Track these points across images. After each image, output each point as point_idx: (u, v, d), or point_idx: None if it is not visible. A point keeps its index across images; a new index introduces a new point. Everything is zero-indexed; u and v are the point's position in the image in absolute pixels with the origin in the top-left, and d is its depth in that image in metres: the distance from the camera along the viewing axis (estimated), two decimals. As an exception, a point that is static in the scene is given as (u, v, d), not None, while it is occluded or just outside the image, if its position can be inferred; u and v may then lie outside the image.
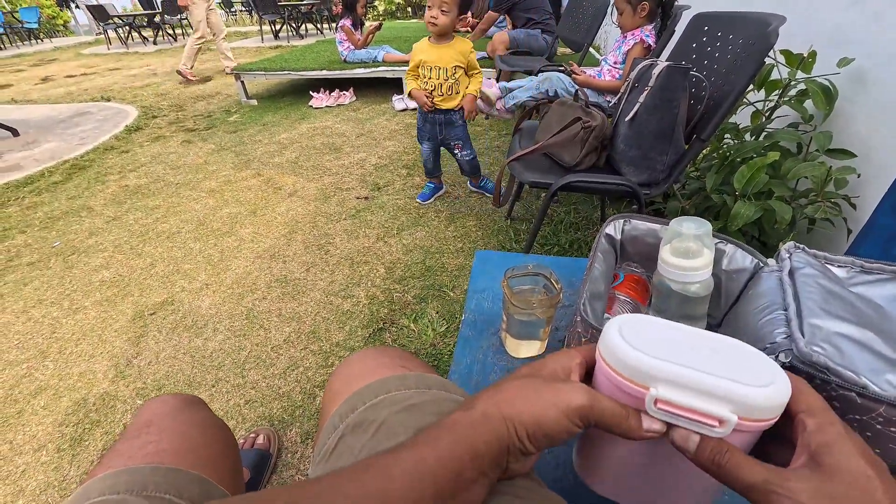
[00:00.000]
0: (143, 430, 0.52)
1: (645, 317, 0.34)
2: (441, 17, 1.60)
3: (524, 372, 0.34)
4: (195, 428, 0.56)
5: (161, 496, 0.44)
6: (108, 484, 0.43)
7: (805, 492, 0.24)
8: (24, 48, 10.13)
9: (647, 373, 0.29)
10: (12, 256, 1.92)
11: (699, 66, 1.29)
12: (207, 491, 0.48)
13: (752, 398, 0.26)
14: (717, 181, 1.32)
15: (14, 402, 1.25)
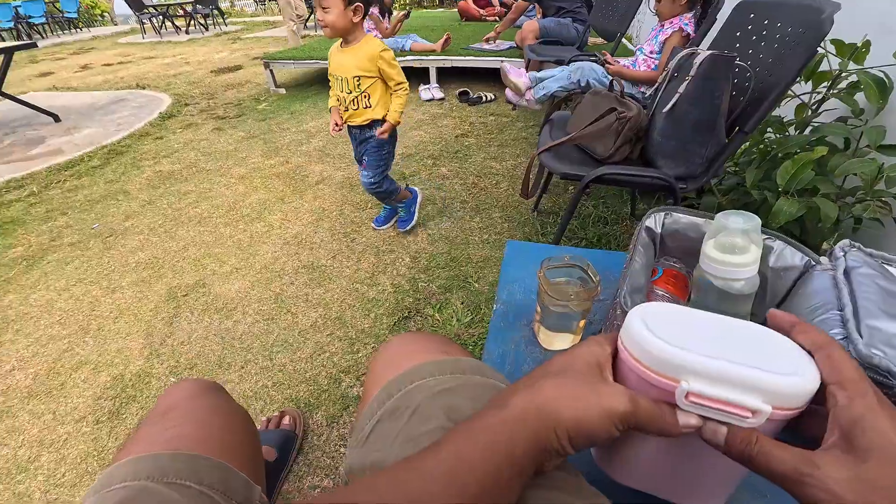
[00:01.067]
0: (164, 415, 0.53)
1: (667, 305, 0.33)
2: (326, 17, 1.29)
3: (558, 366, 0.33)
4: (215, 414, 0.56)
5: (181, 483, 0.44)
6: (129, 470, 0.44)
7: (838, 481, 0.23)
8: (64, 37, 10.50)
9: (676, 365, 0.28)
10: (55, 237, 2.00)
11: (743, 56, 1.23)
12: (227, 477, 0.48)
13: (783, 387, 0.26)
14: (757, 176, 1.27)
15: (57, 374, 1.31)
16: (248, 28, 9.64)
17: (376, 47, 1.39)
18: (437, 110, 3.30)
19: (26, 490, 1.02)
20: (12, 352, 1.39)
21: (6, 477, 1.05)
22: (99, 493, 0.43)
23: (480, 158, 2.44)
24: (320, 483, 0.98)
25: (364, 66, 1.40)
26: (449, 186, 2.16)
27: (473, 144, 2.63)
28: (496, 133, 2.78)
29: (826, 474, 0.23)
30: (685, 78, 1.12)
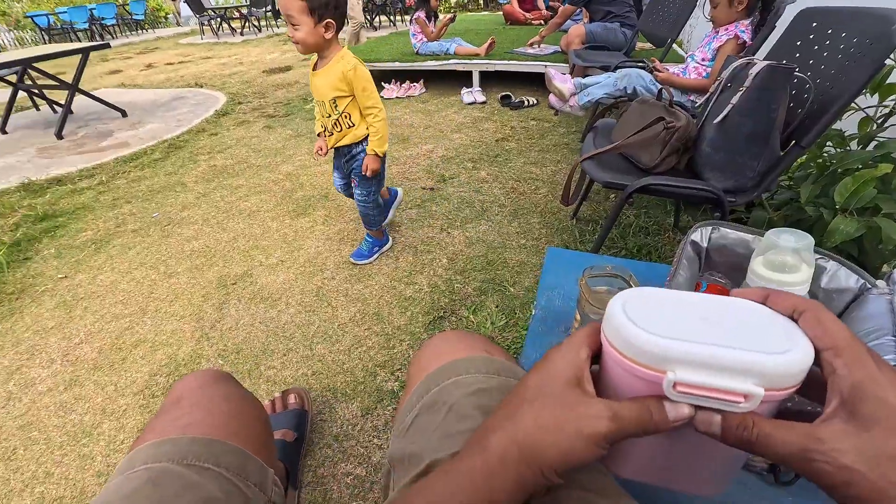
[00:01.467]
0: (175, 405, 0.55)
1: (647, 289, 0.32)
2: (296, 34, 1.22)
3: (534, 388, 0.31)
4: (224, 401, 0.57)
5: (200, 465, 0.46)
6: (151, 453, 0.46)
7: (846, 452, 0.22)
8: (131, 38, 11.26)
9: (661, 355, 0.26)
10: (120, 223, 2.16)
11: (803, 66, 1.19)
12: (243, 461, 0.50)
13: (775, 367, 0.25)
14: (813, 192, 1.22)
15: (119, 350, 1.42)
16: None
17: (347, 64, 1.30)
18: (478, 114, 3.32)
19: (90, 453, 1.12)
20: (81, 326, 1.52)
21: (73, 440, 1.15)
22: (123, 473, 0.45)
23: (520, 163, 2.44)
24: (353, 470, 1.02)
25: (337, 85, 1.32)
26: (488, 190, 2.18)
27: (514, 149, 2.64)
28: (537, 138, 2.78)
29: (832, 447, 0.22)
30: (739, 88, 1.09)
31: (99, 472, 1.07)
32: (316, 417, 1.15)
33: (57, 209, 2.34)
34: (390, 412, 1.14)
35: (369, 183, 1.53)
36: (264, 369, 1.30)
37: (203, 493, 0.44)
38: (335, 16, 1.24)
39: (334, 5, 1.22)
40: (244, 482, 0.48)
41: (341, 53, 1.32)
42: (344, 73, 1.30)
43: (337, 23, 1.26)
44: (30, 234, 2.10)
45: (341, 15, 1.27)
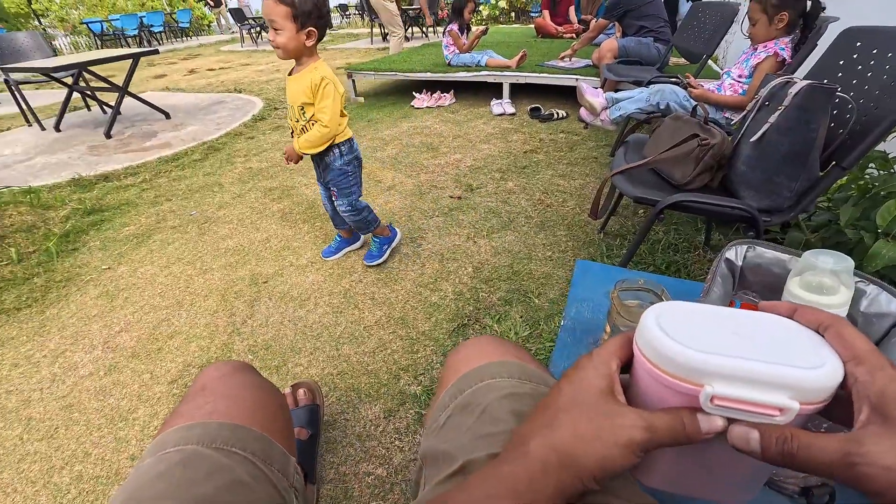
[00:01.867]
0: (199, 393, 0.57)
1: (679, 303, 0.32)
2: (278, 38, 1.24)
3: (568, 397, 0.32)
4: (246, 390, 0.59)
5: (228, 449, 0.48)
6: (182, 436, 0.48)
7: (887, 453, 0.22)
8: (176, 44, 11.82)
9: (697, 369, 0.27)
10: (160, 220, 2.27)
11: (845, 86, 1.16)
12: (267, 447, 0.52)
13: (810, 382, 0.25)
14: (853, 215, 1.18)
15: (155, 340, 1.49)
16: (332, 40, 10.29)
17: (318, 76, 1.32)
18: (507, 125, 3.34)
19: (125, 436, 1.17)
20: (121, 316, 1.60)
21: (110, 423, 1.21)
22: (155, 454, 0.47)
23: (548, 175, 2.45)
24: (374, 470, 1.04)
25: (306, 93, 1.34)
26: (515, 201, 2.19)
27: (542, 161, 2.65)
28: (566, 151, 2.78)
29: (873, 450, 0.22)
30: (778, 107, 1.08)
31: (132, 456, 1.12)
32: (340, 416, 1.17)
33: (103, 204, 2.47)
34: (413, 415, 1.16)
35: (348, 192, 1.57)
36: (291, 366, 1.34)
37: (232, 475, 0.45)
38: (317, 24, 1.27)
39: (317, 14, 1.25)
40: (269, 467, 0.50)
41: (316, 64, 1.35)
42: (312, 83, 1.33)
43: (318, 31, 1.29)
44: (78, 226, 2.23)
45: (323, 24, 1.30)
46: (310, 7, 1.23)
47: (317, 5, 1.24)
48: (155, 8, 13.27)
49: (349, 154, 1.53)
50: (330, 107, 1.36)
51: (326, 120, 1.37)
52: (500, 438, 0.42)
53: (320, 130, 1.39)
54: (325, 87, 1.34)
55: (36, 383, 1.34)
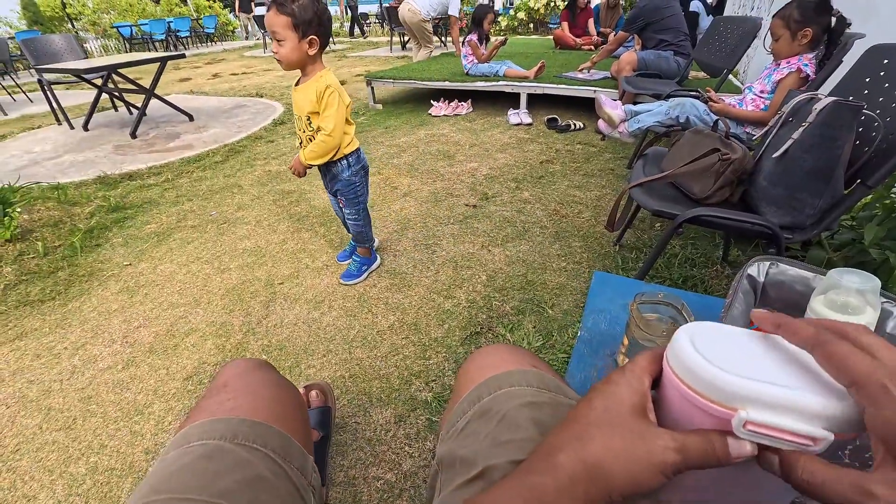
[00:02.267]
0: (222, 389, 0.58)
1: (712, 324, 0.32)
2: (280, 49, 1.26)
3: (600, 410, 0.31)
4: (266, 387, 0.60)
5: (249, 445, 0.49)
6: (205, 430, 0.49)
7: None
8: (201, 49, 12.13)
9: (732, 393, 0.27)
10: (181, 219, 2.32)
11: (871, 104, 1.15)
12: (286, 444, 0.53)
13: (845, 413, 0.25)
14: (878, 234, 1.16)
15: (172, 336, 1.51)
16: (353, 48, 10.46)
17: (323, 84, 1.31)
18: (523, 135, 3.35)
19: (140, 430, 1.19)
20: (140, 312, 1.64)
21: (126, 416, 1.23)
22: (180, 447, 0.48)
23: (564, 186, 2.44)
24: (384, 475, 1.04)
25: (314, 103, 1.34)
26: (530, 210, 2.19)
27: (558, 171, 2.64)
28: (582, 162, 2.77)
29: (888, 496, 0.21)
30: (802, 123, 1.07)
31: (147, 450, 1.14)
32: (350, 419, 1.18)
33: (127, 202, 2.54)
34: (423, 422, 1.16)
35: (356, 202, 1.58)
36: (304, 367, 1.35)
37: (253, 471, 0.46)
38: (319, 33, 1.27)
39: (318, 22, 1.25)
40: (288, 465, 0.51)
41: (321, 73, 1.34)
42: (318, 92, 1.32)
43: (321, 40, 1.29)
44: (102, 223, 2.29)
45: (325, 33, 1.30)
46: (310, 15, 1.23)
47: (317, 13, 1.24)
48: (182, 14, 13.67)
49: (356, 164, 1.53)
50: (333, 116, 1.35)
51: (330, 129, 1.36)
52: (520, 445, 0.42)
53: (325, 140, 1.38)
54: (329, 96, 1.33)
55: (56, 374, 1.38)
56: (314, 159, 1.45)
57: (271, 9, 1.23)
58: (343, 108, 1.38)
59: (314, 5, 1.23)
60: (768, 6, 4.15)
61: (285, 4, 1.20)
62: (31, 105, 5.47)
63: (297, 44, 1.26)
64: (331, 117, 1.35)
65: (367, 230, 1.68)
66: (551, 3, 10.01)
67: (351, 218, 1.63)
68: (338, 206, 1.68)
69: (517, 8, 10.55)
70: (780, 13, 1.67)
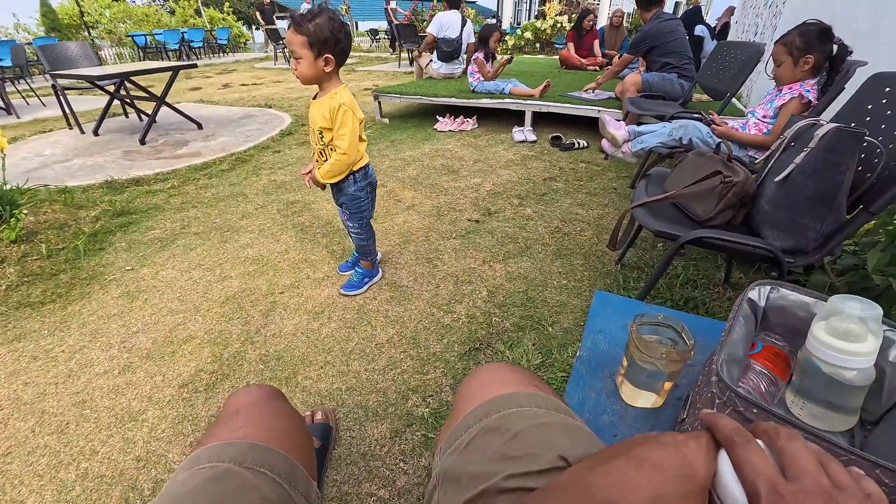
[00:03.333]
0: (233, 417, 0.59)
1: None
2: (298, 67, 1.29)
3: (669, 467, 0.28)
4: (276, 417, 0.62)
5: (258, 469, 0.50)
6: (215, 453, 0.50)
7: None
8: (213, 59, 12.36)
9: None
10: (185, 225, 2.33)
11: (873, 131, 1.16)
12: (292, 470, 0.54)
13: None
14: (882, 260, 1.16)
15: (170, 343, 1.51)
16: (362, 62, 10.64)
17: (337, 101, 1.33)
18: (527, 152, 3.38)
19: (133, 437, 1.18)
20: (139, 317, 1.64)
21: (119, 422, 1.22)
22: (189, 469, 0.49)
23: (567, 204, 2.45)
24: (377, 492, 1.02)
25: (326, 119, 1.36)
26: (532, 227, 2.19)
27: (561, 189, 2.66)
28: (585, 180, 2.79)
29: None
30: (804, 148, 1.08)
31: (138, 457, 1.12)
32: (345, 433, 1.16)
33: (132, 207, 2.55)
34: (419, 438, 1.14)
35: (359, 216, 1.60)
36: (301, 379, 1.34)
37: (260, 494, 0.47)
38: (335, 51, 1.29)
39: (334, 41, 1.28)
40: (293, 489, 0.52)
41: (336, 90, 1.36)
42: (331, 109, 1.34)
43: (336, 58, 1.31)
44: (107, 227, 2.30)
45: (342, 51, 1.32)
46: (325, 35, 1.25)
47: (333, 32, 1.27)
48: (197, 25, 13.96)
49: (363, 180, 1.54)
50: (348, 134, 1.37)
51: (345, 147, 1.38)
52: (536, 459, 0.41)
53: (340, 159, 1.40)
54: (343, 114, 1.35)
55: (52, 377, 1.37)
56: (330, 178, 1.47)
57: (290, 27, 1.27)
58: (357, 125, 1.40)
59: (330, 24, 1.26)
60: (771, 32, 4.22)
61: (302, 24, 1.24)
62: (44, 109, 5.56)
63: (313, 62, 1.29)
64: (345, 136, 1.37)
65: (370, 244, 1.69)
66: (558, 24, 10.18)
67: (354, 231, 1.65)
68: (344, 217, 1.70)
69: (524, 28, 10.73)
70: (783, 40, 1.69)
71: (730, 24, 6.18)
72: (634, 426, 0.60)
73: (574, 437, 0.44)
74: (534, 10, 16.99)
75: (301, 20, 1.24)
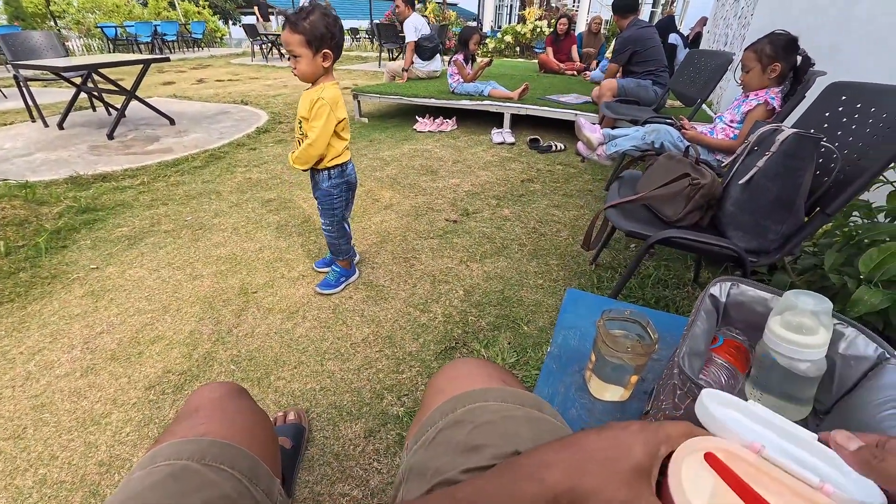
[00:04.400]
0: (194, 414, 0.58)
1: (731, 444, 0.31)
2: (298, 66, 1.32)
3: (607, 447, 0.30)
4: (238, 414, 0.60)
5: (217, 466, 0.49)
6: (174, 450, 0.49)
7: None
8: (188, 54, 12.04)
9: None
10: (154, 223, 2.26)
11: (830, 137, 1.21)
12: (254, 466, 0.53)
13: None
14: (838, 261, 1.21)
15: (137, 343, 1.46)
16: (342, 61, 10.54)
17: (317, 95, 1.35)
18: (506, 154, 3.41)
19: (95, 441, 1.14)
20: (104, 317, 1.58)
21: (81, 426, 1.18)
22: (145, 468, 0.47)
23: (543, 205, 2.48)
24: (350, 492, 1.01)
25: (307, 109, 1.38)
26: (509, 228, 2.21)
27: (538, 190, 2.69)
28: (562, 182, 2.83)
29: None
30: (766, 152, 1.12)
31: (101, 462, 1.08)
32: (318, 434, 1.15)
33: (98, 203, 2.46)
34: (393, 437, 1.14)
35: (330, 213, 1.59)
36: (274, 379, 1.31)
37: (219, 491, 0.46)
38: (332, 46, 1.32)
39: (330, 36, 1.29)
40: (255, 486, 0.51)
41: (325, 84, 1.38)
42: (311, 101, 1.36)
43: (334, 53, 1.34)
44: (70, 224, 2.21)
45: (337, 45, 1.34)
46: (321, 31, 1.27)
47: (328, 27, 1.28)
48: (171, 18, 13.57)
49: (338, 178, 1.53)
50: (320, 127, 1.38)
51: (313, 138, 1.39)
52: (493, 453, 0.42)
53: (306, 148, 1.41)
54: (319, 108, 1.36)
55: (9, 380, 1.31)
56: (299, 164, 1.48)
57: (286, 28, 1.27)
58: (332, 121, 1.40)
59: (324, 20, 1.27)
60: (740, 42, 4.37)
61: (297, 23, 1.25)
62: (5, 101, 5.31)
63: (312, 59, 1.31)
64: (316, 128, 1.39)
65: (341, 243, 1.66)
66: (537, 29, 10.32)
67: (325, 228, 1.64)
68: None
69: (504, 31, 10.84)
70: (753, 47, 1.76)
71: (702, 33, 6.38)
72: (602, 419, 0.62)
73: (537, 429, 0.44)
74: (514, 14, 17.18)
75: (296, 19, 1.25)
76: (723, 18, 5.52)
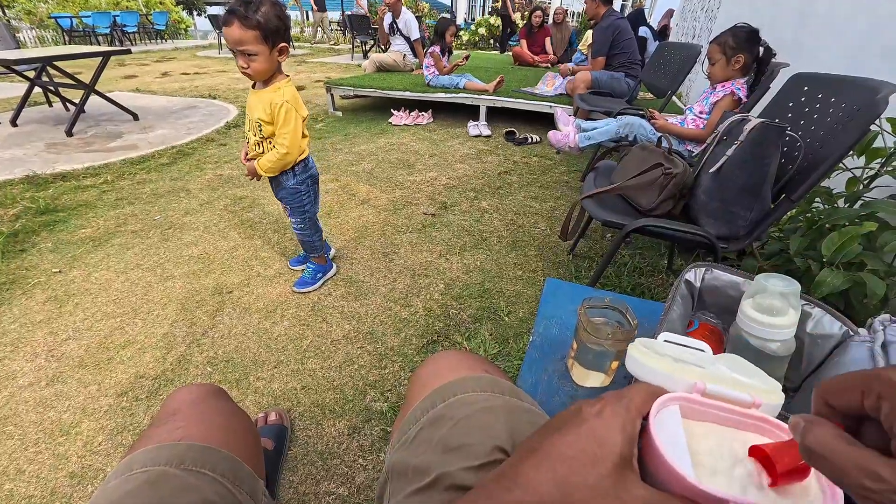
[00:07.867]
0: (170, 417, 0.56)
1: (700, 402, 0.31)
2: (253, 65, 1.20)
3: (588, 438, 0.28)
4: (218, 415, 0.59)
5: (197, 470, 0.47)
6: (150, 457, 0.47)
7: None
8: (150, 46, 11.54)
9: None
10: (120, 224, 2.17)
11: (794, 126, 1.26)
12: (236, 468, 0.52)
13: None
14: (802, 244, 1.26)
15: (106, 349, 1.40)
16: (314, 53, 10.31)
17: (281, 98, 1.27)
18: (482, 146, 3.41)
19: (65, 452, 1.09)
20: (70, 323, 1.51)
21: (49, 438, 1.12)
22: (121, 476, 0.46)
23: (521, 197, 2.50)
24: (336, 490, 1.01)
25: (267, 111, 1.29)
26: (487, 220, 2.22)
27: (515, 183, 2.71)
28: (539, 174, 2.85)
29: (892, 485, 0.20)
30: (734, 142, 1.16)
31: (72, 474, 1.04)
32: (301, 433, 1.13)
33: (59, 204, 2.35)
34: (378, 433, 1.13)
35: (301, 211, 1.54)
36: (253, 380, 1.29)
37: (200, 495, 0.45)
38: (286, 38, 1.24)
39: (284, 28, 1.22)
40: (238, 489, 0.50)
41: (280, 84, 1.30)
42: (273, 104, 1.28)
43: (287, 45, 1.27)
44: (28, 226, 2.10)
45: (289, 36, 1.28)
46: (276, 23, 1.18)
47: (280, 17, 1.20)
48: (130, 8, 12.96)
49: (303, 173, 1.48)
50: (291, 133, 1.32)
51: (287, 145, 1.33)
52: (472, 451, 0.42)
53: (282, 157, 1.35)
54: (286, 113, 1.29)
55: (-33, 393, 1.24)
56: (270, 172, 1.41)
57: (233, 24, 1.14)
58: (300, 123, 1.35)
59: (276, 9, 1.18)
60: (707, 35, 4.49)
61: (249, 17, 1.14)
62: (-50, 97, 4.98)
63: (269, 55, 1.21)
64: (288, 134, 1.32)
65: (314, 240, 1.62)
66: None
67: (297, 227, 1.58)
68: (286, 212, 1.63)
69: (478, 24, 10.81)
70: (717, 40, 1.80)
71: (669, 25, 6.52)
72: (584, 406, 0.63)
73: (516, 421, 0.45)
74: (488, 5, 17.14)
75: (247, 12, 1.13)
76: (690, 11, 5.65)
